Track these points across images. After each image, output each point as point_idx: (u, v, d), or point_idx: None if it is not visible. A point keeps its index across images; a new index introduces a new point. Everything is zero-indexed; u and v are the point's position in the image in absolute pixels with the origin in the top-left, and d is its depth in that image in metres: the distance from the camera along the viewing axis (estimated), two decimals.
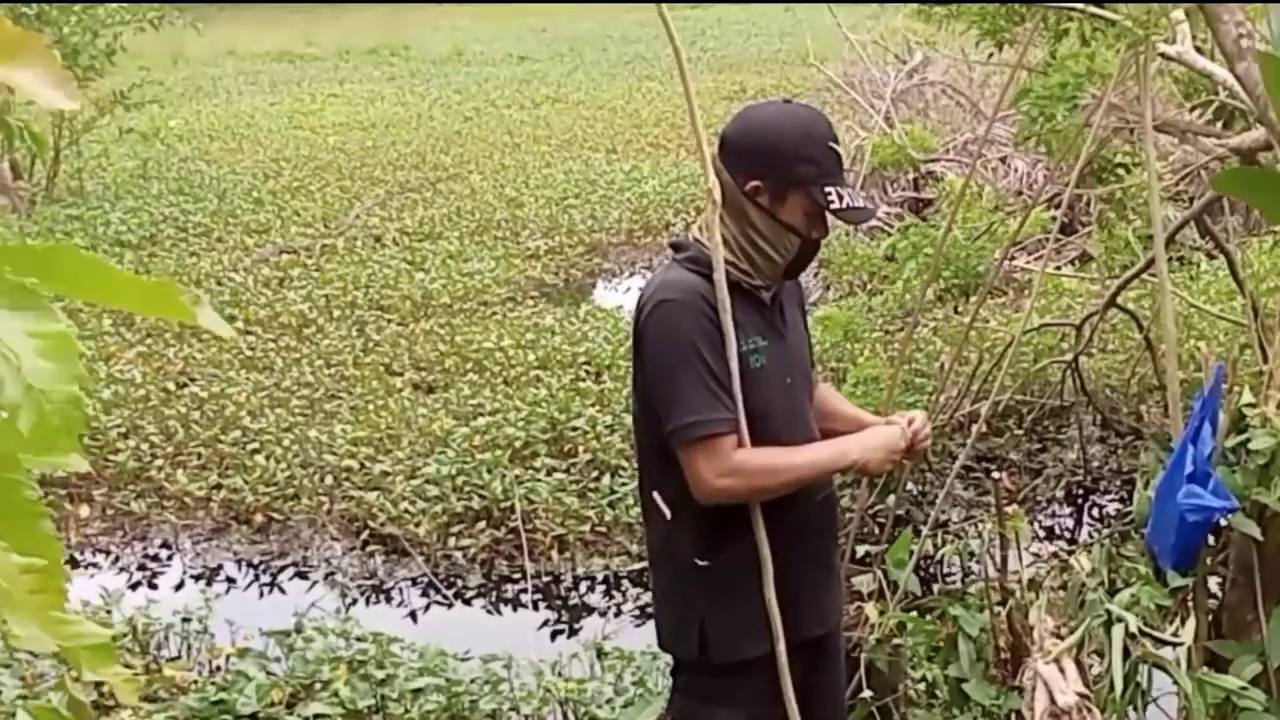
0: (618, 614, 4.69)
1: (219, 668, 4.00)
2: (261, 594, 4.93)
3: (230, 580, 5.01)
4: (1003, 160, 9.12)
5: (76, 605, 4.10)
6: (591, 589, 4.87)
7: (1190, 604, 2.75)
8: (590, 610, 4.73)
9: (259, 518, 5.31)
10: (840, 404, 2.62)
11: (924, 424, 2.37)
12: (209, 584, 4.93)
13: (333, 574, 4.98)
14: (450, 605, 4.77)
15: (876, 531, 4.50)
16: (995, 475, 2.81)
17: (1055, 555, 4.58)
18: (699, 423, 2.14)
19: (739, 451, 2.17)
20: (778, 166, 2.20)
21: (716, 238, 2.16)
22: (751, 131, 2.23)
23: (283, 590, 4.93)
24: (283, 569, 5.07)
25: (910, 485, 5.02)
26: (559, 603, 4.79)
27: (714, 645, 2.28)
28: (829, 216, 2.26)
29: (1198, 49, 4.19)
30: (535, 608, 4.74)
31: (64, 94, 1.03)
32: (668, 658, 3.68)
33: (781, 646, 2.20)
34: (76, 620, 1.07)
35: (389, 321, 7.60)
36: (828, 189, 2.21)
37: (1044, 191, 5.49)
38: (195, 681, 3.83)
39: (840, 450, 2.31)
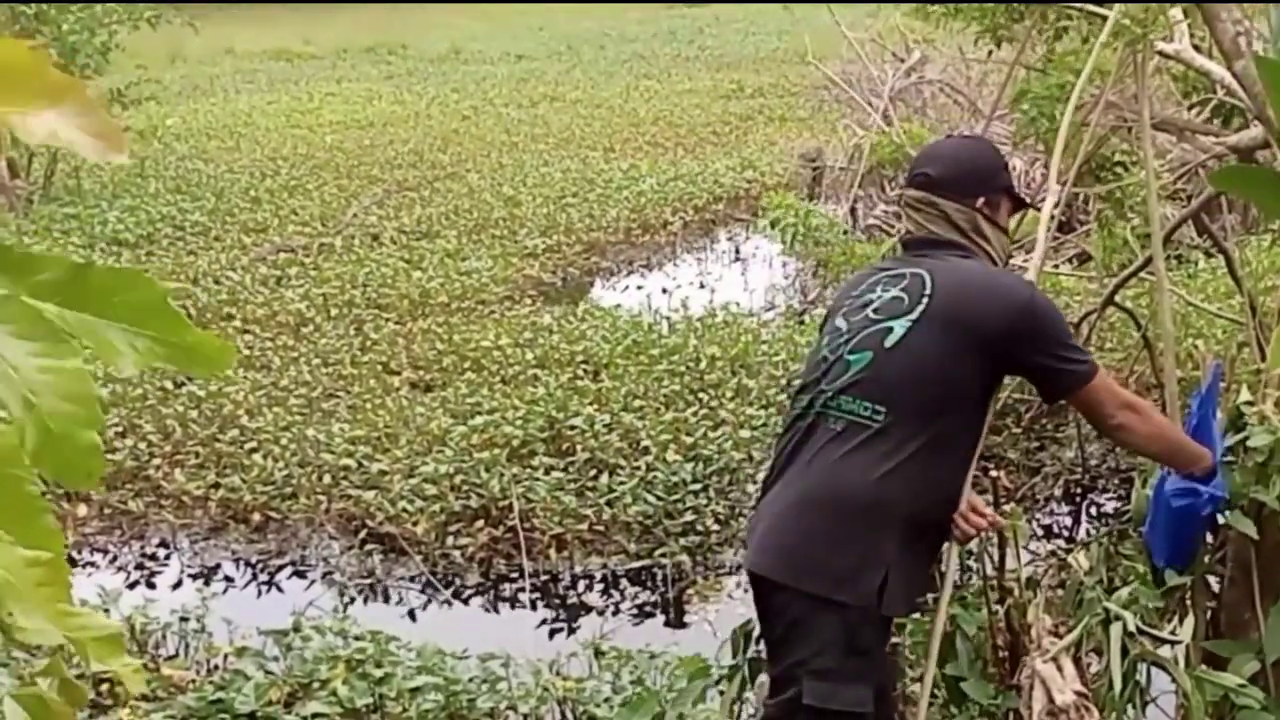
0: (616, 613, 4.69)
1: (217, 667, 4.00)
2: (259, 593, 4.93)
3: (228, 579, 5.01)
4: None
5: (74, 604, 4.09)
6: (589, 588, 4.86)
7: (1188, 602, 2.75)
8: (588, 609, 4.72)
9: (257, 517, 5.31)
10: None
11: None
12: (207, 583, 4.92)
13: (330, 573, 4.98)
14: (448, 604, 4.77)
15: None
16: (993, 473, 2.81)
17: (1053, 554, 4.59)
18: (1092, 362, 2.54)
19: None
20: (994, 179, 2.66)
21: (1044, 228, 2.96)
22: (960, 162, 2.67)
23: (280, 589, 4.93)
24: (280, 568, 5.07)
25: None
26: (557, 601, 4.79)
27: (889, 596, 2.38)
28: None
29: (1196, 47, 4.19)
30: (533, 606, 4.74)
31: (109, 145, 0.97)
32: (667, 656, 3.71)
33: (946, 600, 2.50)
34: (84, 612, 1.07)
35: (387, 320, 7.59)
36: (1015, 186, 2.73)
37: (1042, 190, 5.48)
38: (193, 681, 3.82)
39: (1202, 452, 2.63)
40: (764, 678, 2.66)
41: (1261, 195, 2.86)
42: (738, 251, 9.99)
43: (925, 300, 2.47)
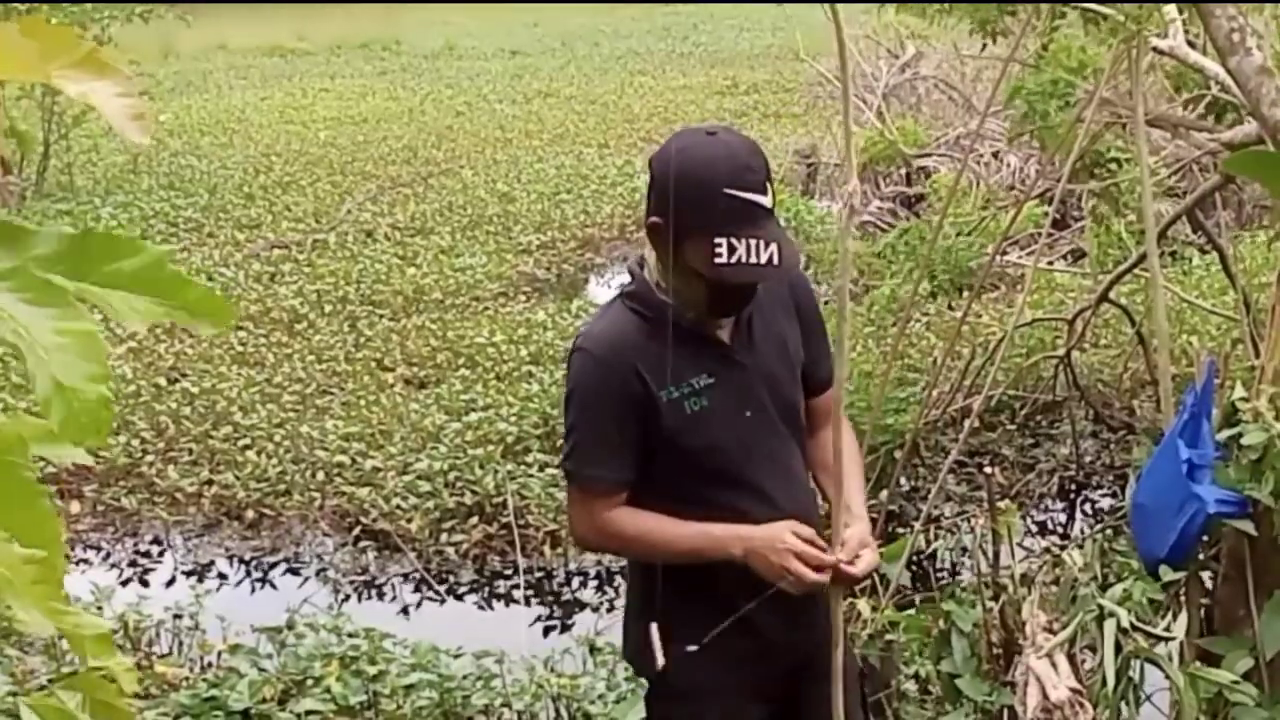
0: (610, 609, 4.68)
1: (210, 664, 3.99)
2: (253, 590, 4.92)
3: (222, 576, 5.00)
4: (995, 155, 9.14)
5: None
6: (584, 584, 4.86)
7: (1182, 598, 2.75)
8: (583, 606, 4.72)
9: (250, 514, 5.30)
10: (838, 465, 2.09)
11: (860, 546, 2.06)
12: (200, 580, 4.92)
13: (324, 570, 4.97)
14: (442, 601, 4.77)
15: None
16: (988, 470, 2.81)
17: (1048, 550, 4.59)
18: (573, 473, 2.15)
19: (613, 511, 2.11)
20: (687, 213, 1.99)
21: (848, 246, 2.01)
22: (660, 167, 2.04)
23: (274, 586, 4.92)
24: (274, 565, 5.06)
25: (903, 480, 5.03)
26: (551, 598, 4.78)
27: (679, 664, 2.09)
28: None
29: (1190, 43, 4.19)
30: (528, 603, 4.74)
31: (139, 128, 1.05)
32: None
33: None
34: (76, 610, 1.07)
35: (381, 317, 7.58)
36: (717, 240, 1.98)
37: (1036, 186, 5.50)
38: (187, 678, 3.81)
39: (721, 540, 2.08)
40: None
41: (1275, 179, 2.85)
42: None
43: None
